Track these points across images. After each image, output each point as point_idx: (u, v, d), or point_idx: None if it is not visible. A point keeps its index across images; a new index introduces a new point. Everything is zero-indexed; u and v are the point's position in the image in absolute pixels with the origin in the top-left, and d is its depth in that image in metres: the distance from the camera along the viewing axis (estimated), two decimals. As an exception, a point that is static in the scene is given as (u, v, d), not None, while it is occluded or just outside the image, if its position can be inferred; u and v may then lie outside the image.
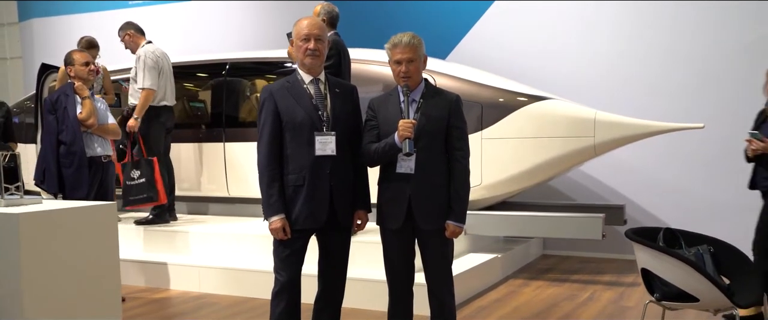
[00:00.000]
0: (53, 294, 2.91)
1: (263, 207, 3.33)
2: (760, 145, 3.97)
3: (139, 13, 8.61)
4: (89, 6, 9.06)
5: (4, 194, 2.81)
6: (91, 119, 4.73)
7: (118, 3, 8.90)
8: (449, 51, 7.23)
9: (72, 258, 2.98)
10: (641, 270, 3.45)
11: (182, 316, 4.69)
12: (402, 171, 3.31)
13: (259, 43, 7.71)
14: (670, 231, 3.56)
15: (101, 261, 3.15)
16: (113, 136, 5.03)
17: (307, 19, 3.45)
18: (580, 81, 6.61)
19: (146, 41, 6.17)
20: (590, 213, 5.51)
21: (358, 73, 5.72)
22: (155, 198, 5.68)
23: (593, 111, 5.55)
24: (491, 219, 5.75)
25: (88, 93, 4.81)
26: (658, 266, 3.32)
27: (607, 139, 5.47)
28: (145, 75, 5.88)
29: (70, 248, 2.96)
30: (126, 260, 5.60)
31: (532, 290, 5.33)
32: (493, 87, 5.79)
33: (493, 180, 5.68)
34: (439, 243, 3.40)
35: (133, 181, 5.71)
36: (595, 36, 6.62)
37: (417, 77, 3.38)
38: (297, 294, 3.40)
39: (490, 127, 5.67)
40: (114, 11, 8.75)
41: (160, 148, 6.06)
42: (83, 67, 4.83)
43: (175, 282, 5.45)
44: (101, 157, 4.83)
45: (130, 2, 8.87)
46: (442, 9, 7.27)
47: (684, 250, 3.48)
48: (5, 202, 2.78)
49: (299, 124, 3.30)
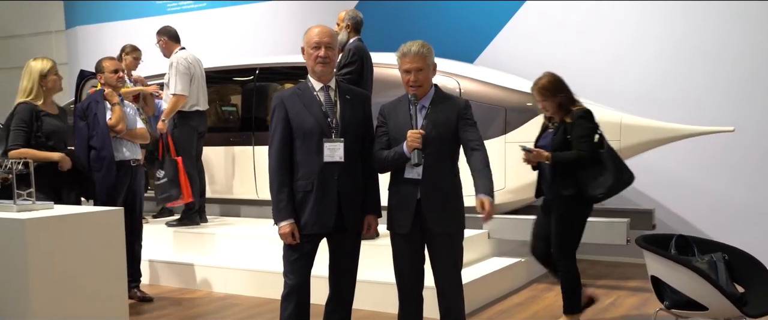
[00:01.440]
0: (60, 298, 3.00)
1: (273, 212, 3.42)
2: (532, 157, 4.15)
3: (177, 19, 8.82)
4: (130, 13, 9.34)
5: (16, 200, 2.95)
6: (120, 125, 4.88)
7: (158, 9, 9.15)
8: (479, 52, 7.21)
9: (78, 263, 3.07)
10: (651, 277, 3.42)
11: (205, 316, 4.82)
12: (410, 176, 3.36)
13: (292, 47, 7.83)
14: (683, 239, 3.52)
15: (107, 265, 3.22)
16: (142, 140, 5.18)
17: (318, 27, 3.50)
18: (612, 83, 6.52)
19: (180, 47, 6.34)
20: (615, 218, 5.44)
21: (386, 77, 5.76)
22: (178, 196, 5.83)
23: (619, 114, 5.49)
24: (514, 223, 5.73)
25: (117, 99, 4.97)
26: (667, 274, 3.28)
27: (633, 142, 5.41)
28: (176, 80, 6.04)
29: (76, 253, 3.05)
30: (155, 261, 5.80)
31: (555, 295, 5.27)
32: (517, 90, 5.77)
33: (517, 184, 5.66)
34: (448, 247, 3.42)
35: (159, 181, 5.88)
36: (625, 37, 6.52)
37: (426, 86, 3.42)
38: (306, 297, 3.47)
39: (514, 131, 5.65)
40: (153, 18, 8.99)
41: (191, 151, 6.21)
42: (112, 75, 5.00)
43: (201, 282, 5.59)
44: (130, 160, 5.01)
45: (169, 9, 9.10)
46: (472, 10, 7.26)
47: (697, 258, 3.43)
48: (17, 207, 2.92)
49: (309, 130, 3.37)
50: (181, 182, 5.90)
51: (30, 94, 4.42)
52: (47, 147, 4.37)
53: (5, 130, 4.32)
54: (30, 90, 4.42)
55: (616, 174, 4.18)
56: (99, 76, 5.08)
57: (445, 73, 5.94)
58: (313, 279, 3.46)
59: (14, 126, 4.32)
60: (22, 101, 4.39)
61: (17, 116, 4.35)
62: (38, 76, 4.42)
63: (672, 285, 3.29)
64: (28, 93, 4.42)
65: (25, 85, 4.44)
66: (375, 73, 5.41)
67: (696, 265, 3.25)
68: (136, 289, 5.22)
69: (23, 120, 4.31)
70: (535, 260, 4.92)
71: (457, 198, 3.41)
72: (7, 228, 2.89)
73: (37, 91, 4.42)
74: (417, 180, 3.34)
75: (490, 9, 7.13)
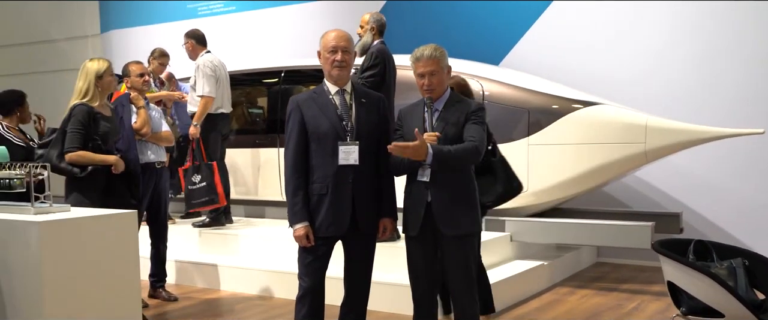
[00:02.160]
0: (74, 300, 3.05)
1: (288, 215, 3.46)
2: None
3: (207, 22, 8.98)
4: (162, 16, 9.51)
5: (34, 203, 3.03)
6: (144, 128, 4.96)
7: (189, 13, 9.31)
8: (505, 53, 7.17)
9: (92, 266, 3.12)
10: (667, 283, 3.37)
11: (228, 316, 4.89)
12: (422, 178, 3.36)
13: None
14: (702, 244, 3.46)
15: (121, 268, 3.26)
16: (166, 143, 5.27)
17: (335, 31, 3.54)
18: (638, 86, 6.43)
19: (205, 51, 6.44)
20: (640, 222, 5.37)
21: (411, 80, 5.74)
22: (216, 200, 5.94)
23: (645, 116, 5.42)
24: (537, 225, 5.70)
25: (143, 103, 5.04)
26: (683, 280, 3.24)
27: (659, 145, 5.34)
28: (203, 83, 6.14)
29: (90, 255, 3.10)
30: (182, 261, 5.90)
31: (577, 298, 5.25)
32: (540, 92, 5.74)
33: (539, 186, 5.63)
34: (461, 247, 3.41)
35: (195, 186, 5.98)
36: (652, 38, 6.43)
37: (440, 89, 3.42)
38: (320, 299, 3.50)
39: (536, 133, 5.62)
40: (185, 21, 9.14)
41: (217, 153, 6.31)
42: (138, 79, 5.08)
43: (227, 283, 5.67)
44: (154, 163, 5.10)
45: (200, 12, 9.25)
46: (498, 10, 7.22)
47: (715, 263, 3.38)
48: (34, 210, 3.01)
49: (323, 134, 3.40)
50: (217, 186, 6.00)
51: (86, 95, 4.29)
52: (103, 150, 4.31)
53: (61, 132, 4.23)
54: (86, 91, 4.30)
55: (506, 182, 4.27)
56: (125, 80, 5.16)
57: (469, 74, 5.92)
58: (328, 280, 3.49)
59: (71, 128, 4.20)
60: (79, 102, 4.26)
61: (74, 118, 4.21)
62: (94, 77, 4.30)
63: (688, 291, 3.24)
64: (83, 94, 4.29)
65: (81, 85, 4.31)
66: (400, 75, 5.42)
67: (713, 271, 3.20)
68: (161, 289, 5.32)
69: (80, 122, 4.19)
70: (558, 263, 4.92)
71: (469, 201, 3.39)
72: (23, 230, 2.94)
73: (93, 92, 4.30)
74: (427, 183, 3.35)
75: (517, 10, 7.09)
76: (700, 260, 3.38)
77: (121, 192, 4.42)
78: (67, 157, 4.19)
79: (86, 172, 4.21)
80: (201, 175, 5.98)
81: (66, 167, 4.20)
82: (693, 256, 3.38)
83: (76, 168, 4.20)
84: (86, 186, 4.24)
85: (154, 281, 5.34)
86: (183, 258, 5.93)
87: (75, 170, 4.20)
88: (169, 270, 5.48)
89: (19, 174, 3.09)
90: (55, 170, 4.17)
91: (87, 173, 4.21)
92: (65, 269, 3.01)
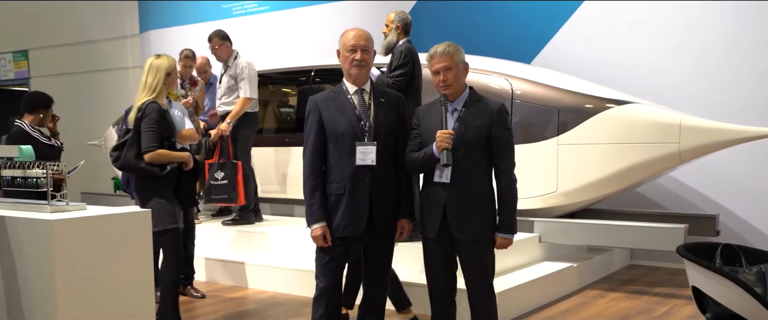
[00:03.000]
0: (87, 298, 3.07)
1: (306, 215, 3.46)
2: None
3: (241, 21, 9.09)
4: (197, 16, 9.63)
5: (50, 201, 3.09)
6: None
7: (224, 13, 9.42)
8: (537, 52, 7.07)
9: (106, 264, 3.14)
10: (692, 288, 3.26)
11: (250, 315, 4.91)
12: (439, 180, 3.32)
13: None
14: (730, 248, 3.34)
15: (135, 267, 3.28)
16: (190, 141, 5.03)
17: (354, 30, 3.53)
18: (672, 85, 6.27)
19: (236, 51, 6.51)
20: (673, 224, 5.23)
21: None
22: (235, 199, 5.99)
23: (679, 115, 5.27)
24: (566, 226, 5.60)
25: (165, 102, 4.83)
26: (708, 285, 3.13)
27: (693, 145, 5.19)
28: (247, 85, 6.23)
29: (103, 254, 3.12)
30: (210, 259, 5.96)
31: (607, 302, 5.14)
32: (571, 91, 5.63)
33: (569, 187, 5.53)
34: (477, 253, 3.36)
35: (217, 181, 6.04)
36: (687, 37, 6.26)
37: (457, 85, 3.37)
38: (336, 299, 3.50)
39: (566, 133, 5.52)
40: (219, 21, 9.24)
41: (245, 152, 6.37)
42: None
43: (253, 280, 5.71)
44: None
45: (234, 12, 9.34)
46: (530, 10, 7.12)
47: (744, 269, 3.26)
48: (51, 208, 3.06)
49: (341, 134, 3.39)
50: (238, 185, 6.04)
51: (153, 92, 4.19)
52: (175, 147, 4.28)
53: (135, 132, 4.14)
54: (154, 87, 4.20)
55: None
56: None
57: (498, 73, 5.86)
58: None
59: (146, 127, 4.10)
60: (150, 100, 4.17)
61: (149, 116, 4.11)
62: (164, 74, 4.23)
63: (713, 297, 3.13)
64: (152, 90, 4.19)
65: (151, 81, 4.20)
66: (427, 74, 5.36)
67: (739, 277, 3.08)
68: (189, 287, 5.37)
69: (155, 120, 4.11)
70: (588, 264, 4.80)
71: (486, 205, 3.33)
72: (37, 228, 2.98)
73: (161, 89, 4.22)
74: (445, 184, 3.31)
75: (549, 8, 6.98)
76: (727, 265, 3.27)
77: (189, 189, 4.41)
78: (146, 156, 4.11)
79: (167, 171, 4.18)
80: (224, 172, 6.04)
81: (146, 167, 4.13)
82: (720, 261, 3.26)
83: (156, 167, 4.15)
84: (162, 185, 4.20)
85: (182, 279, 5.30)
86: (211, 256, 5.98)
87: (155, 169, 4.14)
88: (197, 267, 5.54)
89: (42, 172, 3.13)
90: (134, 170, 4.17)
91: (168, 172, 4.19)
92: (79, 267, 3.03)
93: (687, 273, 3.29)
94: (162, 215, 4.13)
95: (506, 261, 5.26)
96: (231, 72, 6.43)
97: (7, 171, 3.35)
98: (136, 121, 4.16)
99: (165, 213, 4.16)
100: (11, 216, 3.20)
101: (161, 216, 4.12)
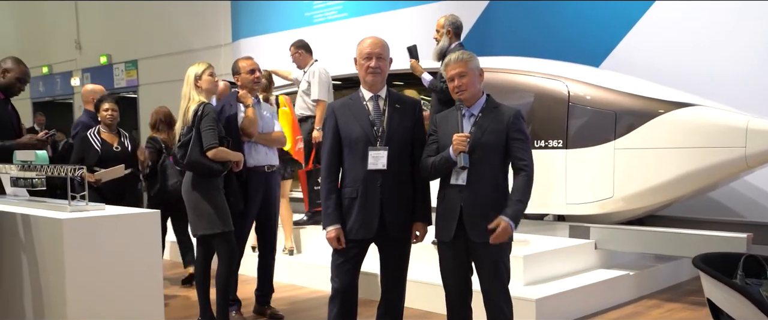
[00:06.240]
0: (96, 297, 3.21)
1: (321, 218, 3.59)
2: None
3: (321, 28, 9.40)
4: (282, 24, 10.03)
5: (70, 201, 3.36)
6: (251, 128, 4.61)
7: (306, 21, 9.77)
8: (608, 53, 6.86)
9: (115, 264, 3.27)
10: (708, 300, 3.09)
11: (298, 313, 5.08)
12: (455, 182, 3.36)
13: (425, 52, 7.93)
14: (754, 259, 3.13)
15: (144, 267, 3.39)
16: (278, 145, 4.92)
17: (370, 39, 3.63)
18: (744, 87, 5.91)
19: (314, 59, 6.74)
20: (736, 233, 4.93)
21: (502, 83, 5.69)
22: None
23: (746, 118, 4.97)
24: (625, 233, 5.40)
25: (251, 101, 4.67)
26: (721, 298, 2.95)
27: (761, 149, 4.88)
28: (319, 88, 6.42)
29: (113, 254, 3.26)
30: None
31: (661, 312, 4.92)
32: (630, 94, 5.42)
33: (627, 192, 5.33)
34: (491, 258, 3.36)
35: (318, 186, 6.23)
36: (760, 38, 5.88)
37: (472, 91, 3.41)
38: (351, 299, 3.59)
39: (624, 137, 5.32)
40: (302, 28, 9.60)
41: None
42: (248, 75, 4.67)
43: (308, 280, 5.89)
44: (264, 166, 4.72)
45: (315, 20, 9.66)
46: (601, 11, 6.92)
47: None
48: (71, 208, 3.32)
49: (355, 139, 3.49)
50: None
51: (188, 99, 4.33)
52: (231, 147, 4.35)
53: (196, 131, 4.21)
54: (186, 95, 4.35)
55: None
56: (235, 77, 4.79)
57: (554, 76, 5.74)
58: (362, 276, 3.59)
59: (206, 126, 4.18)
60: (205, 102, 4.29)
61: (207, 116, 4.20)
62: (193, 79, 4.34)
63: (728, 312, 2.95)
64: (187, 98, 4.34)
65: (184, 90, 4.37)
66: (494, 77, 5.34)
67: (753, 292, 2.89)
68: (267, 307, 5.00)
69: (213, 119, 4.21)
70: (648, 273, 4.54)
71: (502, 208, 3.32)
72: (50, 226, 3.18)
73: (191, 94, 4.33)
74: (461, 187, 3.34)
75: (619, 10, 6.76)
76: (750, 277, 3.06)
77: (236, 193, 4.47)
78: (209, 153, 4.17)
79: (228, 169, 4.32)
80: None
81: (210, 164, 4.21)
82: (742, 273, 3.07)
83: (217, 164, 4.24)
84: (216, 187, 4.30)
85: (259, 296, 4.99)
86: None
87: (218, 166, 4.24)
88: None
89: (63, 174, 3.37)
90: (200, 166, 4.21)
91: (228, 170, 4.33)
92: (88, 265, 3.19)
93: (702, 285, 3.12)
94: (213, 219, 4.25)
95: (557, 268, 5.16)
96: (307, 77, 6.66)
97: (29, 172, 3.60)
98: (196, 122, 4.24)
99: (217, 216, 4.26)
100: (31, 214, 3.39)
101: (213, 220, 4.25)
